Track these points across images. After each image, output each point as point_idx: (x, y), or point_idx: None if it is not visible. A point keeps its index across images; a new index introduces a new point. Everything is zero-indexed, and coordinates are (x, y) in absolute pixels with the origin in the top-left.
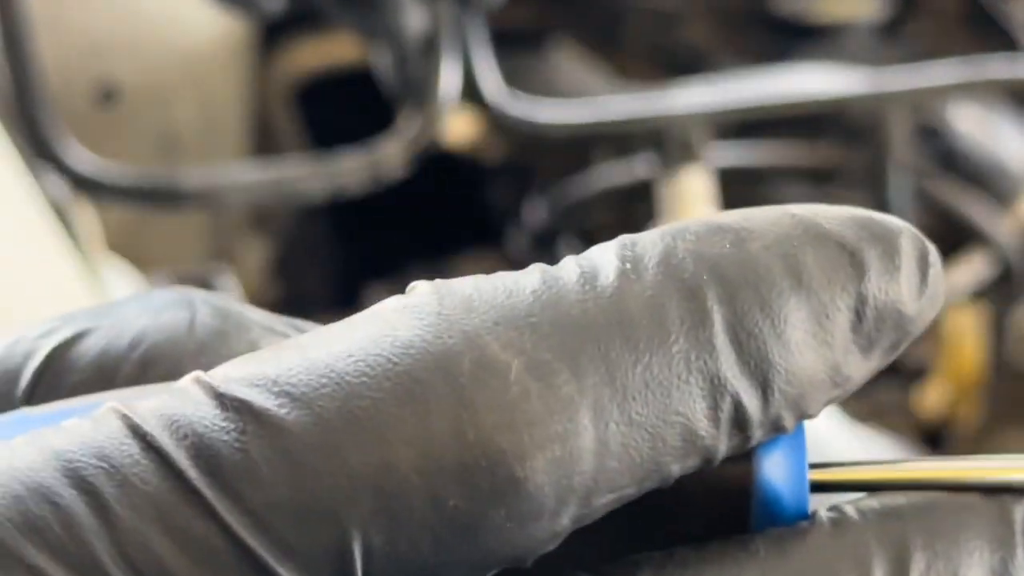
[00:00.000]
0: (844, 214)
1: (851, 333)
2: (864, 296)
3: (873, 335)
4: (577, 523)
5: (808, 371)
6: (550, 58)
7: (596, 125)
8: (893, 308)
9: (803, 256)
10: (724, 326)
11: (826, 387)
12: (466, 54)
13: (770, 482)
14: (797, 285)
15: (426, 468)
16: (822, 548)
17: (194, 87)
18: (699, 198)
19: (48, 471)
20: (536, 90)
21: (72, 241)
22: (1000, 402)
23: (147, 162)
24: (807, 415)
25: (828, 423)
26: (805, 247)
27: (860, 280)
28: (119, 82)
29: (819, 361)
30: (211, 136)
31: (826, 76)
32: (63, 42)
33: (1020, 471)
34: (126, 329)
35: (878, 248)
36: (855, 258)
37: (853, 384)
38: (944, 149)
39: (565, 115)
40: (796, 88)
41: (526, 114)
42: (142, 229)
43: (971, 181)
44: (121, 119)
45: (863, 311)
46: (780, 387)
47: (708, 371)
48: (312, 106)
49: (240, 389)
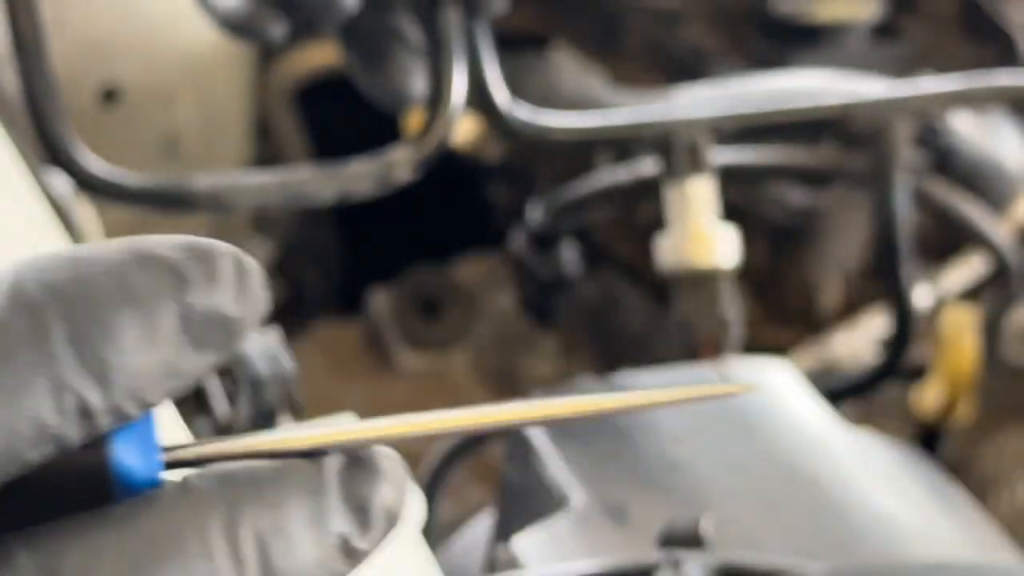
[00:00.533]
0: (174, 241)
1: (181, 334)
2: (189, 304)
3: (202, 335)
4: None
5: (142, 367)
6: (549, 61)
7: (602, 130)
8: (216, 312)
9: (132, 275)
10: (64, 337)
11: (162, 379)
12: (474, 60)
13: (123, 462)
14: (127, 298)
15: None
16: (168, 509)
17: (196, 88)
18: (705, 203)
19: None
20: (535, 93)
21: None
22: (997, 402)
23: (148, 162)
24: (149, 403)
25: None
26: (134, 268)
27: (183, 291)
28: (120, 82)
29: (151, 359)
30: (212, 137)
31: (829, 79)
32: (64, 42)
33: (332, 436)
34: None
35: (200, 266)
36: (179, 274)
37: (190, 375)
38: (942, 150)
39: (571, 121)
40: (804, 94)
41: (532, 120)
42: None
43: (969, 182)
44: (122, 119)
45: (189, 316)
46: (118, 382)
47: (51, 374)
48: (314, 107)
49: None
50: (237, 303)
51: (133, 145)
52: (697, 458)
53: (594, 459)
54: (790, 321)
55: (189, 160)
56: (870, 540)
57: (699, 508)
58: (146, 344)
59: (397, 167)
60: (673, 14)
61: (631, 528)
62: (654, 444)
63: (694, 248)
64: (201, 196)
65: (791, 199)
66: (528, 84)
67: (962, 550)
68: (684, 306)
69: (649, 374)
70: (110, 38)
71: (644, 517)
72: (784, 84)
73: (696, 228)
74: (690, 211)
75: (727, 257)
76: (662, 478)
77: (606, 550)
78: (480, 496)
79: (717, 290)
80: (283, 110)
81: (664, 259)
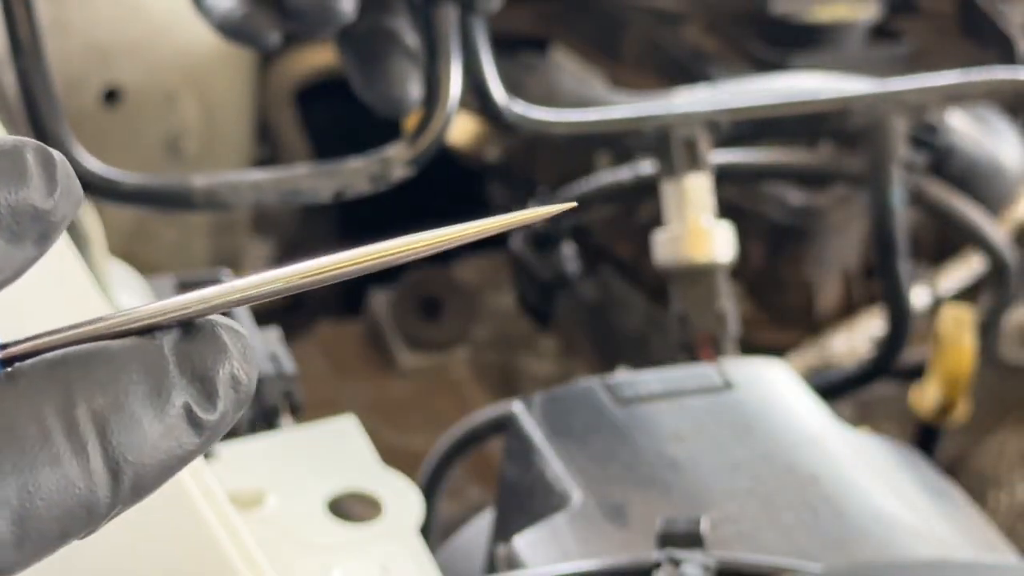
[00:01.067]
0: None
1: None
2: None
3: (17, 228)
4: None
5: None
6: (549, 63)
7: (600, 124)
8: (28, 205)
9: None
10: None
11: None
12: (470, 57)
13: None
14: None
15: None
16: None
17: (197, 88)
18: (702, 199)
19: None
20: (536, 95)
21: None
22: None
23: (150, 163)
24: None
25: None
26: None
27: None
28: (122, 83)
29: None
30: (214, 137)
31: (826, 81)
32: (66, 44)
33: (167, 308)
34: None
35: (4, 163)
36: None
37: (10, 269)
38: (940, 150)
39: (568, 116)
40: (801, 91)
41: (529, 115)
42: (146, 233)
43: (967, 182)
44: (124, 120)
45: (1, 212)
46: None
47: None
48: (314, 107)
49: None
50: (48, 195)
51: (135, 146)
52: (696, 458)
53: (593, 458)
54: (788, 321)
55: (190, 160)
56: (868, 539)
57: (698, 508)
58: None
59: (394, 164)
60: (672, 16)
61: (630, 527)
62: (653, 443)
63: (691, 243)
64: (198, 195)
65: (789, 199)
66: (528, 86)
67: (959, 549)
68: (681, 301)
69: (648, 373)
70: (112, 39)
71: (643, 516)
72: (781, 84)
73: (693, 223)
74: (687, 207)
75: (724, 252)
76: (661, 478)
77: (605, 549)
78: (480, 496)
79: (714, 285)
80: (284, 110)
81: (661, 254)
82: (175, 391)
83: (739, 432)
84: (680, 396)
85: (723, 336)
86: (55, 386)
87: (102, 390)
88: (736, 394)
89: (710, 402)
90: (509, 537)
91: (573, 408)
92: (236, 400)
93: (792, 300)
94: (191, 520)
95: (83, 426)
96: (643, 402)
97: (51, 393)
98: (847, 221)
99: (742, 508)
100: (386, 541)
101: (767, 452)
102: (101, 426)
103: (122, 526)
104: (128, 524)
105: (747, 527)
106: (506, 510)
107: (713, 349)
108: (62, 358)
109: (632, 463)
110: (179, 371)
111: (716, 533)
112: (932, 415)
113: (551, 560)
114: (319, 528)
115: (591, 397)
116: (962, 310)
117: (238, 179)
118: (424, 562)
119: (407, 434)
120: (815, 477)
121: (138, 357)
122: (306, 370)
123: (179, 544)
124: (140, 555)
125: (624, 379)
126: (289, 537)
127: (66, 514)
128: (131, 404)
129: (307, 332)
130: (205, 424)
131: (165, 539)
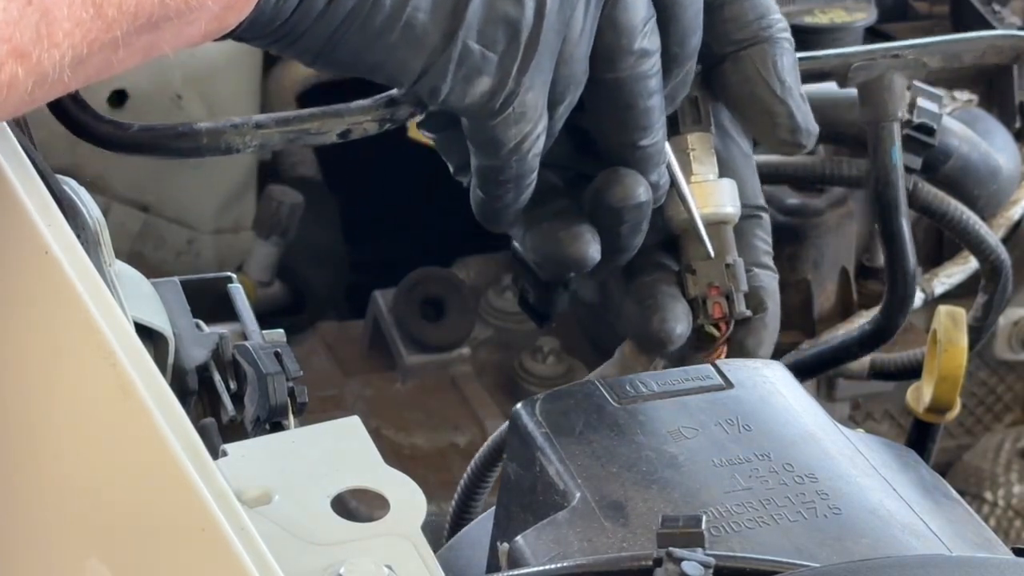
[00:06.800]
0: None
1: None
2: None
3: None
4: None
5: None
6: None
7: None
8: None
9: None
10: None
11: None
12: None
13: None
14: None
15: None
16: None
17: (201, 90)
18: (706, 156)
19: None
20: None
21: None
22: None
23: (153, 163)
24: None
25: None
26: None
27: None
28: (128, 85)
29: None
30: None
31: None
32: None
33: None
34: None
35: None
36: None
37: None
38: (936, 150)
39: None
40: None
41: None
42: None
43: (961, 183)
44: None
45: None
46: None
47: None
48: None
49: None
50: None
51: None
52: (696, 456)
53: (594, 457)
54: (785, 322)
55: (195, 161)
56: (865, 537)
57: (698, 506)
58: None
59: (401, 105)
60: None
61: (630, 526)
62: (653, 442)
63: (698, 197)
64: (204, 140)
65: (787, 199)
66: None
67: (955, 547)
68: (688, 256)
69: (648, 374)
70: None
71: (643, 515)
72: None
73: (699, 179)
74: (692, 163)
75: (731, 205)
76: (661, 476)
77: (605, 548)
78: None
79: (723, 238)
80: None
81: (667, 213)
82: None
83: (738, 431)
84: (680, 395)
85: (735, 286)
86: None
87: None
88: (736, 393)
89: (710, 401)
90: (511, 536)
91: (574, 407)
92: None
93: (789, 301)
94: (203, 520)
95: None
96: (643, 401)
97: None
98: (844, 222)
99: (741, 507)
100: (390, 539)
101: (766, 451)
102: None
103: (134, 526)
104: (139, 524)
105: (746, 525)
106: (508, 509)
107: (723, 300)
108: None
109: (632, 462)
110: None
111: (716, 531)
112: (926, 414)
113: (552, 559)
114: (324, 526)
115: (592, 396)
116: (957, 310)
117: (243, 122)
118: (428, 560)
119: (409, 433)
120: (813, 476)
121: None
122: (310, 369)
123: (192, 544)
124: (152, 555)
125: (624, 378)
126: (295, 535)
127: None
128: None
129: (310, 332)
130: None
131: (177, 539)
